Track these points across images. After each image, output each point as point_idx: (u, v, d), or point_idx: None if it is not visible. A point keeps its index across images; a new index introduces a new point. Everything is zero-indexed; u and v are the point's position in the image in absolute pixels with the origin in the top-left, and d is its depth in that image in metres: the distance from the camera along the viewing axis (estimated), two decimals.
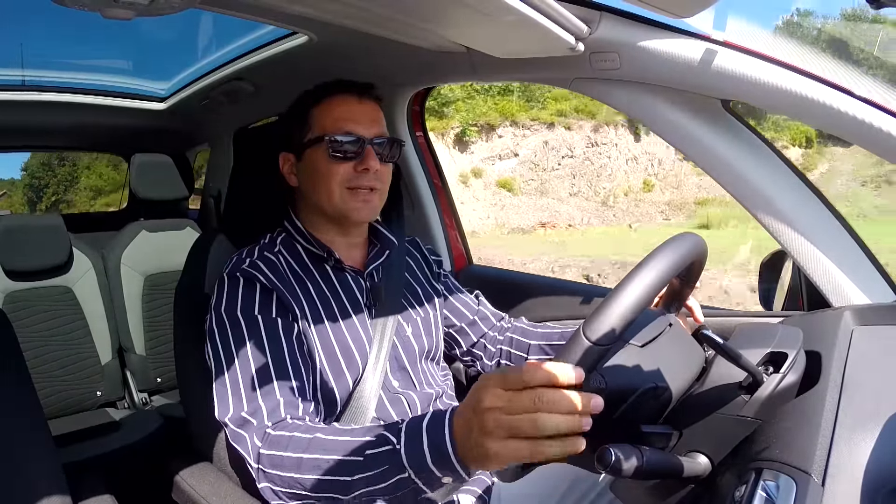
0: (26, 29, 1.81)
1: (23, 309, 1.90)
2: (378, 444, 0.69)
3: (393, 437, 0.68)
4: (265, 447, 0.78)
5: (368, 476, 0.68)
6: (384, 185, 1.01)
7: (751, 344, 0.66)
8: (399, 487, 0.68)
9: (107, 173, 14.78)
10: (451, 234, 1.65)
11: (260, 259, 0.96)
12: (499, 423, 0.57)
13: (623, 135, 16.86)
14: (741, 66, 0.88)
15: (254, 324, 0.89)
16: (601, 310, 0.60)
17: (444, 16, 0.99)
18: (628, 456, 0.57)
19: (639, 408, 0.64)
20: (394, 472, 0.67)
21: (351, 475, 0.70)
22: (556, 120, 15.70)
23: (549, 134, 15.84)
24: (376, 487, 0.68)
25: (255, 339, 0.88)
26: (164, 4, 0.84)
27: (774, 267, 1.07)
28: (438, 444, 0.64)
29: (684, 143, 1.00)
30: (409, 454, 0.66)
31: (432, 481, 0.67)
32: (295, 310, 0.93)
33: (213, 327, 0.91)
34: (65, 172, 16.28)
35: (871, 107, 0.80)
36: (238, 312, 0.90)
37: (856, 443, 0.52)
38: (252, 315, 0.90)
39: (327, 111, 0.98)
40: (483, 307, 1.21)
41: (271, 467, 0.76)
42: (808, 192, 0.97)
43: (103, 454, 1.68)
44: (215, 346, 0.90)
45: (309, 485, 0.73)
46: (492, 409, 0.58)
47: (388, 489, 0.68)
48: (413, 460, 0.66)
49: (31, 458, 0.88)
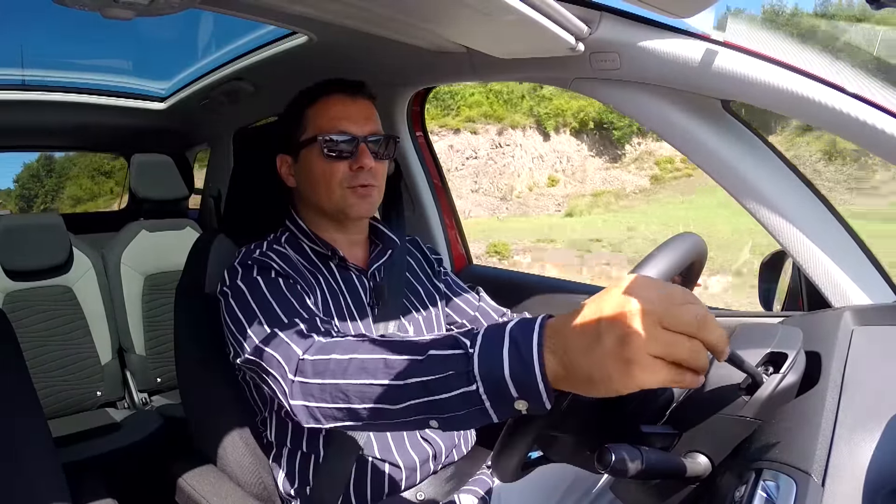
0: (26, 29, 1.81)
1: (23, 309, 1.90)
2: (447, 346, 0.57)
3: (467, 341, 0.56)
4: (310, 353, 0.69)
5: (427, 382, 0.56)
6: (380, 182, 1.01)
7: (751, 344, 0.66)
8: (464, 404, 0.55)
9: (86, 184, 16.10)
10: (451, 234, 1.65)
11: (270, 251, 0.96)
12: (656, 337, 0.45)
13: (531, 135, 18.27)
14: (741, 66, 0.88)
15: (274, 283, 0.87)
16: None
17: (444, 16, 0.99)
18: (628, 456, 0.57)
19: (639, 408, 0.64)
20: (459, 381, 0.55)
21: (405, 378, 0.58)
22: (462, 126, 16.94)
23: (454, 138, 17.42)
24: (434, 398, 0.56)
25: (277, 294, 0.84)
26: (164, 4, 0.84)
27: (774, 267, 1.07)
28: (522, 351, 0.52)
29: (684, 143, 1.00)
30: (482, 359, 0.54)
31: (504, 403, 0.53)
32: (308, 293, 0.92)
33: (231, 301, 0.87)
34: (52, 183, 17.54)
35: (871, 107, 0.80)
36: (255, 276, 0.88)
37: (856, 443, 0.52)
38: (270, 278, 0.88)
39: (321, 111, 0.99)
40: (484, 303, 1.21)
41: (313, 375, 0.66)
42: (808, 192, 0.97)
43: (103, 454, 1.68)
44: (233, 312, 0.85)
45: (353, 392, 0.62)
46: (649, 313, 0.46)
47: (448, 404, 0.55)
48: (486, 368, 0.53)
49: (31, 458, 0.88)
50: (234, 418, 1.03)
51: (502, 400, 0.53)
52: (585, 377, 0.49)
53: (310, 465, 0.96)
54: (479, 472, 1.06)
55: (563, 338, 0.51)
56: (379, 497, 0.96)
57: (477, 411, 0.55)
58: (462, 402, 0.55)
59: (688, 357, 0.46)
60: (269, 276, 0.89)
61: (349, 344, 0.66)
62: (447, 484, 1.03)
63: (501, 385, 0.53)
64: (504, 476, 0.65)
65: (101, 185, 15.20)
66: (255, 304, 0.84)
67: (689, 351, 0.46)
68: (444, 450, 1.03)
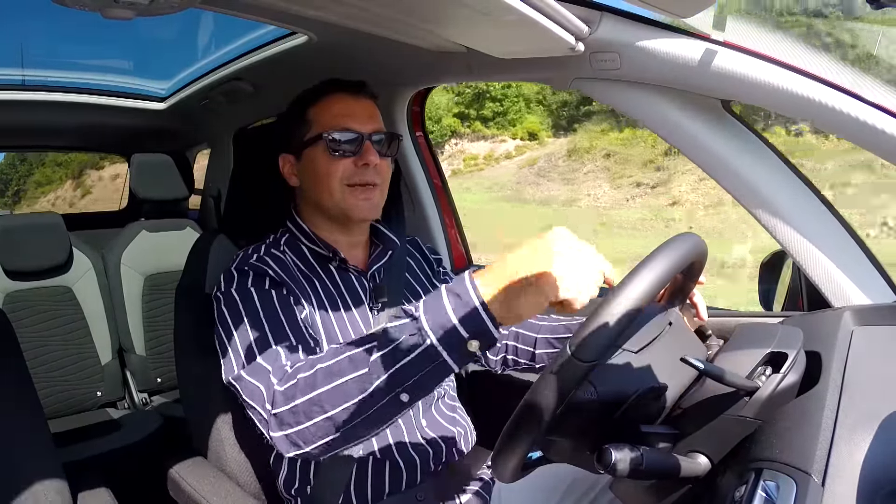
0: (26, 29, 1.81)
1: (23, 309, 1.90)
2: (396, 318, 0.65)
3: (411, 308, 0.64)
4: (281, 383, 0.73)
5: (386, 353, 0.63)
6: (384, 180, 1.01)
7: (751, 344, 0.66)
8: (423, 362, 0.62)
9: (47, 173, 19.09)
10: (451, 234, 1.65)
11: (267, 255, 0.96)
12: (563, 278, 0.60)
13: None
14: (741, 66, 0.88)
15: (266, 296, 0.88)
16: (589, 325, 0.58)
17: (444, 16, 0.99)
18: (628, 456, 0.57)
19: (638, 408, 0.64)
20: (414, 341, 0.62)
21: (368, 360, 0.64)
22: None
23: None
24: (396, 368, 0.63)
25: (267, 307, 0.87)
26: (163, 4, 0.84)
27: (774, 267, 1.07)
28: (458, 292, 0.61)
29: (684, 143, 1.00)
30: (427, 313, 0.62)
31: (458, 347, 0.61)
32: (304, 305, 0.92)
33: (223, 308, 0.89)
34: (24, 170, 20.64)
35: (871, 107, 0.80)
36: (249, 286, 0.89)
37: (856, 443, 0.52)
38: (264, 289, 0.89)
39: (324, 110, 0.99)
40: None
41: (285, 402, 0.70)
42: (808, 191, 0.97)
43: (103, 454, 1.69)
44: (225, 322, 0.87)
45: (325, 399, 0.67)
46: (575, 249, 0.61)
47: (409, 369, 0.62)
48: (433, 319, 0.61)
49: (31, 457, 0.88)
50: (234, 418, 1.03)
51: (456, 344, 0.61)
52: (516, 303, 0.60)
53: (310, 465, 0.96)
54: (479, 472, 1.06)
55: (494, 277, 0.61)
56: (379, 497, 0.96)
57: (437, 365, 0.62)
58: (421, 360, 0.62)
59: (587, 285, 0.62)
60: (263, 287, 0.89)
61: (313, 359, 0.71)
62: (447, 484, 1.03)
63: (451, 330, 0.60)
64: (504, 476, 0.65)
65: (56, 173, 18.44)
66: (245, 319, 0.85)
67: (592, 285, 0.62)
68: (445, 450, 1.03)
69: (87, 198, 17.37)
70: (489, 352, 1.17)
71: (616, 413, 0.63)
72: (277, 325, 0.84)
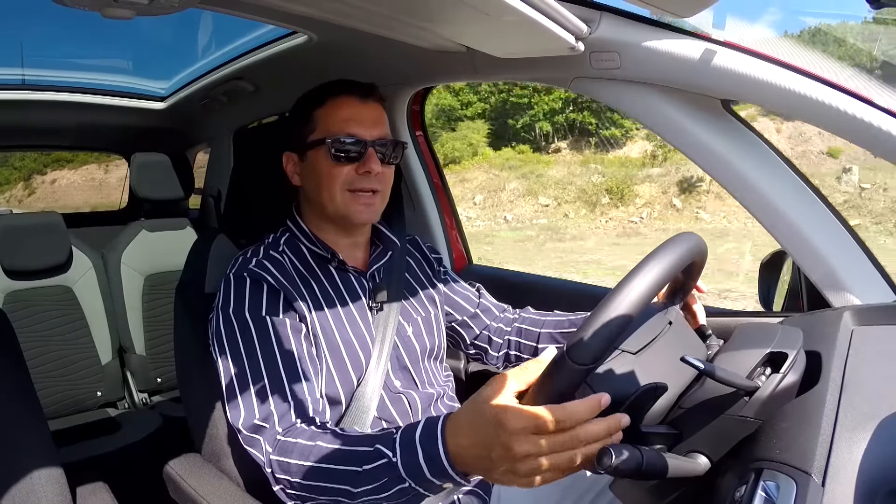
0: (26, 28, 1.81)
1: (23, 309, 1.90)
2: (374, 458, 0.70)
3: (388, 451, 0.69)
4: (275, 453, 0.79)
5: (370, 488, 0.70)
6: (386, 187, 1.01)
7: (751, 344, 0.66)
8: (403, 494, 0.69)
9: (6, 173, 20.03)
10: (452, 234, 1.66)
11: (266, 259, 0.96)
12: (535, 468, 0.58)
13: None
14: (741, 66, 0.88)
15: (263, 326, 0.89)
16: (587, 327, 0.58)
17: (444, 15, 0.99)
18: (628, 456, 0.57)
19: (638, 408, 0.64)
20: (394, 483, 0.68)
21: (354, 486, 0.71)
22: None
23: None
24: (380, 496, 0.70)
25: (264, 342, 0.88)
26: (164, 4, 0.84)
27: (774, 267, 1.07)
28: (434, 458, 0.65)
29: (684, 143, 1.00)
30: (405, 465, 0.67)
31: (433, 488, 0.68)
32: (302, 309, 0.93)
33: (221, 328, 0.90)
34: None
35: (871, 107, 0.80)
36: (246, 313, 0.90)
37: (856, 443, 0.52)
38: (261, 316, 0.90)
39: (330, 112, 0.98)
40: (484, 299, 1.21)
41: (281, 472, 0.78)
42: (808, 191, 0.97)
43: (103, 454, 1.69)
44: (223, 348, 0.89)
45: (316, 491, 0.74)
46: (529, 456, 0.57)
47: (392, 497, 0.69)
48: (410, 471, 0.67)
49: (30, 457, 0.88)
50: None
51: (432, 488, 0.68)
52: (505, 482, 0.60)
53: None
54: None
55: (462, 455, 0.63)
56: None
57: (415, 495, 0.69)
58: (401, 493, 0.68)
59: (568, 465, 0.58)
60: (260, 313, 0.90)
61: (303, 449, 0.77)
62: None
63: (427, 481, 0.66)
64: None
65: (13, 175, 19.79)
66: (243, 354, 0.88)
67: (568, 462, 0.58)
68: None
69: (32, 196, 19.02)
70: (490, 348, 1.18)
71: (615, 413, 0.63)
72: (273, 370, 0.86)
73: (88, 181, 17.80)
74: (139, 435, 1.79)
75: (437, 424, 0.66)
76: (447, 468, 0.64)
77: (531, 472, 0.58)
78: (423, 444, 0.66)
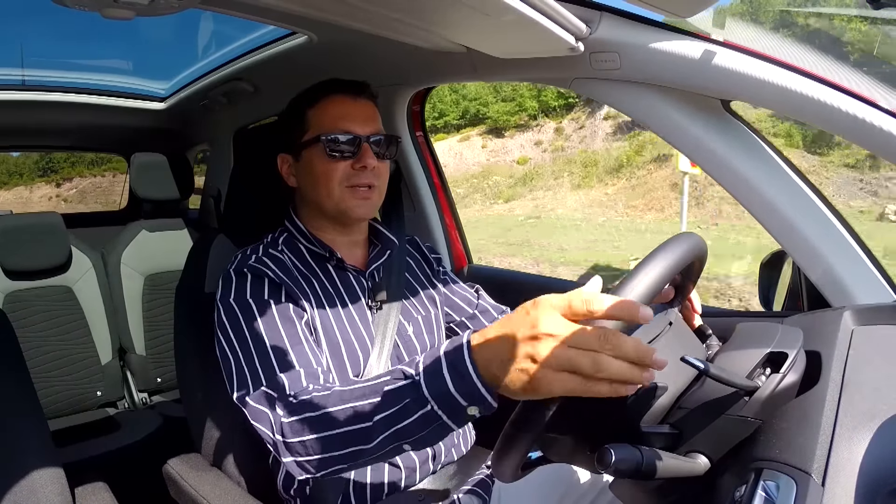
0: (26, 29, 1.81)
1: (23, 309, 1.90)
2: (396, 379, 0.65)
3: (411, 370, 0.64)
4: (287, 415, 0.75)
5: (389, 415, 0.64)
6: (382, 182, 1.01)
7: (751, 344, 0.66)
8: (425, 424, 0.63)
9: None
10: (452, 234, 1.65)
11: (266, 256, 0.96)
12: (556, 354, 0.52)
13: None
14: (741, 66, 0.88)
15: (265, 307, 0.89)
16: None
17: (444, 16, 0.99)
18: (628, 456, 0.57)
19: (638, 408, 0.64)
20: (416, 406, 0.62)
21: (371, 417, 0.66)
22: None
23: None
24: (400, 426, 0.64)
25: (268, 321, 0.87)
26: (164, 4, 0.84)
27: (774, 267, 1.07)
28: (459, 368, 0.59)
29: (684, 143, 1.00)
30: (428, 383, 0.61)
31: (458, 413, 0.61)
32: (303, 305, 0.93)
33: (223, 318, 0.89)
34: None
35: (870, 107, 0.80)
36: (248, 298, 0.90)
37: (856, 443, 0.52)
38: (263, 300, 0.90)
39: (323, 111, 0.99)
40: (483, 301, 1.21)
41: (293, 434, 0.73)
42: (808, 192, 0.96)
43: (103, 454, 1.69)
44: (226, 333, 0.88)
45: (331, 442, 0.70)
46: (552, 336, 0.53)
47: (412, 428, 0.63)
48: (434, 389, 0.61)
49: (30, 457, 0.88)
50: (233, 418, 1.03)
51: (456, 411, 0.61)
52: (520, 382, 0.55)
53: None
54: (478, 472, 1.06)
55: (486, 356, 0.58)
56: (379, 497, 0.96)
57: (438, 426, 0.62)
58: (423, 422, 0.62)
59: (590, 370, 0.52)
60: (263, 296, 0.89)
61: (320, 399, 0.73)
62: (447, 484, 1.03)
63: (451, 399, 0.60)
64: (504, 476, 0.65)
65: None
66: (247, 335, 0.86)
67: (590, 365, 0.52)
68: (444, 450, 1.03)
69: None
70: None
71: (616, 413, 0.63)
72: (278, 343, 0.85)
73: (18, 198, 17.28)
74: (139, 435, 1.79)
75: (461, 336, 0.62)
76: (472, 377, 0.58)
77: (551, 360, 0.52)
78: (447, 356, 0.61)
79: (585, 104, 15.31)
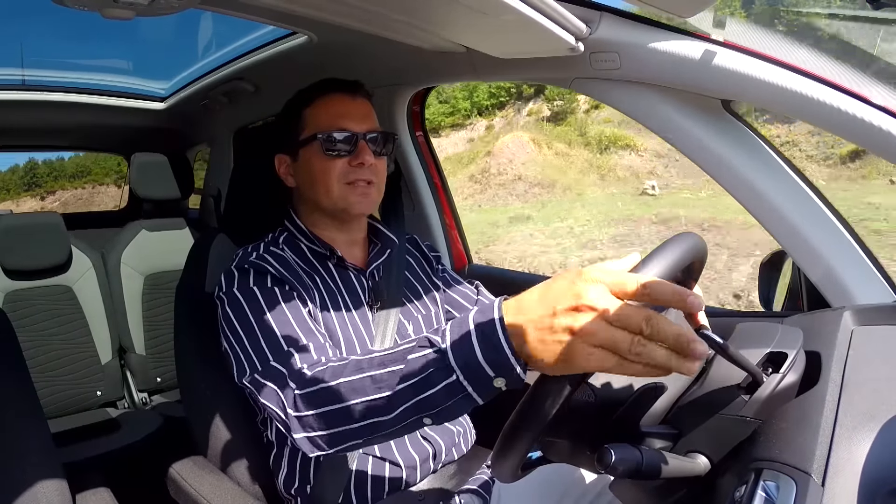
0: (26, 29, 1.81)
1: (23, 308, 1.90)
2: (420, 347, 0.61)
3: (437, 337, 0.60)
4: (300, 387, 0.72)
5: (412, 384, 0.60)
6: (380, 178, 1.02)
7: (751, 344, 0.66)
8: (448, 395, 0.59)
9: None
10: (452, 234, 1.65)
11: (267, 253, 0.96)
12: (598, 330, 0.50)
13: None
14: (741, 66, 0.88)
15: (270, 294, 0.88)
16: None
17: (444, 16, 0.99)
18: (628, 456, 0.57)
19: (638, 408, 0.64)
20: (440, 375, 0.58)
21: (392, 387, 0.62)
22: None
23: None
24: (422, 397, 0.60)
25: (273, 306, 0.86)
26: (164, 4, 0.84)
27: (774, 267, 1.07)
28: (488, 335, 0.56)
29: (684, 143, 1.00)
30: (455, 350, 0.58)
31: (484, 384, 0.57)
32: (305, 300, 0.93)
33: (227, 308, 0.89)
34: None
35: (870, 107, 0.80)
36: (252, 286, 0.89)
37: (856, 443, 0.52)
38: (267, 288, 0.89)
39: (320, 110, 0.99)
40: (483, 297, 1.21)
41: (307, 407, 0.70)
42: (808, 191, 0.96)
43: (103, 454, 1.69)
44: (231, 323, 0.87)
45: (347, 414, 0.66)
46: (595, 310, 0.50)
47: (434, 398, 0.59)
48: (461, 357, 0.57)
49: (31, 457, 0.88)
50: (234, 418, 1.03)
51: (482, 382, 0.57)
52: (551, 353, 0.52)
53: (310, 465, 0.96)
54: (479, 472, 1.06)
55: (520, 322, 0.54)
56: (379, 496, 0.96)
57: (462, 398, 0.59)
58: (447, 393, 0.59)
59: (628, 350, 0.50)
60: (266, 284, 0.89)
61: (335, 369, 0.70)
62: (447, 483, 1.03)
63: (478, 369, 0.56)
64: (504, 476, 0.65)
65: None
66: (252, 319, 0.85)
67: (629, 345, 0.50)
68: (444, 449, 1.03)
69: None
70: None
71: (616, 413, 0.63)
72: (285, 324, 0.84)
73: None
74: (139, 435, 1.79)
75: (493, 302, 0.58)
76: (502, 344, 0.55)
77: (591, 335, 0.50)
78: (476, 323, 0.57)
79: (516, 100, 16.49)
